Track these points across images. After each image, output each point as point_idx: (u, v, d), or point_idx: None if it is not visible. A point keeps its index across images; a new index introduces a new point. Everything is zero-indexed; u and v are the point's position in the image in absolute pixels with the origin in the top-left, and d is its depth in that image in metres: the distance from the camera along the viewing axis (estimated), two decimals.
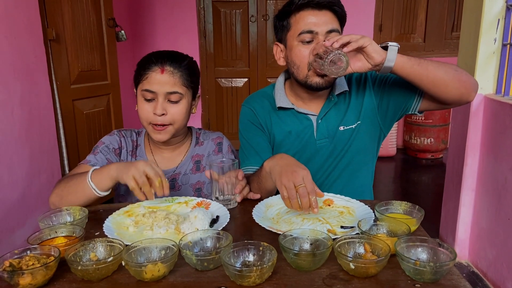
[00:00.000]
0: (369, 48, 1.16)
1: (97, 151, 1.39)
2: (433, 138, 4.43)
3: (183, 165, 1.46)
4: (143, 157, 1.45)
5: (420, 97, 1.33)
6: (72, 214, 1.13)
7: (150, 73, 1.31)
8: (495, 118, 2.19)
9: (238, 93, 4.86)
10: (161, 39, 4.57)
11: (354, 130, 1.42)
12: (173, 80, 1.32)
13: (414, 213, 1.09)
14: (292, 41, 1.34)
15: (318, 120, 1.43)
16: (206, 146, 1.50)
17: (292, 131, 1.44)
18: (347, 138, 1.42)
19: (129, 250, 0.90)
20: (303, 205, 1.08)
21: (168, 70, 1.31)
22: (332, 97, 1.42)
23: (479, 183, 2.36)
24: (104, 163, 1.36)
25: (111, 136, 1.45)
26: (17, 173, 2.24)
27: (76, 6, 2.83)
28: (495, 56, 2.23)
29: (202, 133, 1.53)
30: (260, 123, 1.47)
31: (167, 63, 1.32)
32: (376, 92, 1.42)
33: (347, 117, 1.42)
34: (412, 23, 4.70)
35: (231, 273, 0.84)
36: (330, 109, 1.42)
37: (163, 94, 1.31)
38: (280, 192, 1.12)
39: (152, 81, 1.31)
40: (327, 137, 1.43)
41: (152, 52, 1.37)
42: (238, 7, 4.64)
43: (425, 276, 0.84)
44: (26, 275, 0.83)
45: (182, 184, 1.45)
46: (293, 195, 1.08)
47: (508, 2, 2.15)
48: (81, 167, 1.36)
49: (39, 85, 2.45)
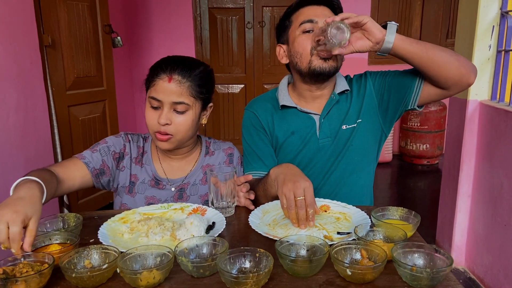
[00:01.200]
0: (369, 24, 1.18)
1: (96, 149, 1.36)
2: (429, 144, 4.45)
3: (192, 174, 1.43)
4: (150, 165, 1.41)
5: (419, 86, 1.32)
6: (66, 220, 1.12)
7: (158, 80, 1.27)
8: (490, 124, 2.20)
9: (234, 99, 4.86)
10: (158, 46, 4.57)
11: (355, 128, 1.43)
12: (180, 90, 1.27)
13: (410, 218, 1.09)
14: (294, 34, 1.39)
15: (321, 119, 1.43)
16: (217, 156, 1.47)
17: (294, 131, 1.46)
18: (348, 136, 1.43)
19: (124, 257, 0.89)
20: (300, 216, 1.11)
21: (175, 79, 1.26)
22: (334, 96, 1.44)
23: (475, 189, 2.36)
24: (99, 164, 1.33)
25: (117, 138, 1.41)
26: (12, 179, 2.22)
27: (72, 12, 2.83)
28: (490, 62, 2.25)
29: (212, 143, 1.50)
30: (263, 126, 1.48)
31: (176, 71, 1.27)
32: (377, 90, 1.43)
33: (349, 116, 1.44)
34: (407, 30, 4.73)
35: (227, 280, 0.83)
36: (332, 107, 1.44)
37: (169, 104, 1.27)
38: (280, 201, 1.14)
39: (159, 89, 1.27)
40: (329, 136, 1.44)
41: (165, 57, 1.33)
42: (235, 13, 4.66)
43: (422, 282, 0.84)
44: (20, 282, 0.82)
45: (190, 195, 1.41)
46: (291, 205, 1.10)
47: (503, 9, 2.17)
48: (73, 161, 1.32)
49: (35, 91, 2.44)
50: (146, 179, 1.40)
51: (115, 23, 3.43)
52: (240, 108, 4.83)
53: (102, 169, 1.34)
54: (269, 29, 4.67)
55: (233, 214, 1.26)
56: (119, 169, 1.39)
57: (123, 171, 1.39)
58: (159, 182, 1.40)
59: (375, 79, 1.44)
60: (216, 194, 1.23)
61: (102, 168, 1.34)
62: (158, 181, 1.40)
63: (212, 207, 1.24)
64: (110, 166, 1.36)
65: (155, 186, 1.40)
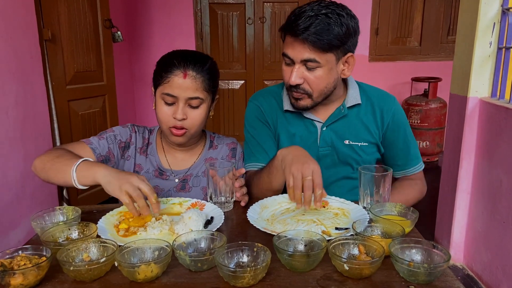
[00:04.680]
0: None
1: (103, 137, 1.37)
2: (429, 141, 4.44)
3: (195, 167, 1.44)
4: (154, 156, 1.42)
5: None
6: (65, 214, 1.12)
7: (173, 77, 1.27)
8: (490, 121, 2.19)
9: (234, 95, 4.86)
10: (158, 41, 4.56)
11: (360, 148, 1.42)
12: (195, 85, 1.28)
13: (408, 214, 1.09)
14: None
15: (323, 127, 1.42)
16: (220, 150, 1.48)
17: (296, 134, 1.44)
18: (351, 153, 1.42)
19: (122, 251, 0.89)
20: (306, 197, 1.11)
21: (190, 74, 1.27)
22: (343, 109, 1.41)
23: (474, 186, 2.36)
24: (105, 151, 1.35)
25: (124, 128, 1.42)
26: (11, 174, 2.23)
27: (72, 7, 2.82)
28: (490, 59, 2.24)
29: (216, 137, 1.52)
30: (267, 121, 1.47)
31: (190, 66, 1.27)
32: (384, 132, 1.44)
33: (355, 133, 1.42)
34: (408, 27, 4.72)
35: (224, 274, 0.84)
36: (338, 120, 1.42)
37: (184, 99, 1.28)
38: (287, 180, 1.14)
39: (174, 85, 1.27)
40: (330, 145, 1.42)
41: (173, 52, 1.33)
42: (235, 9, 4.64)
43: (419, 278, 0.84)
44: (17, 275, 0.82)
45: (192, 186, 1.43)
46: (298, 185, 1.10)
47: (504, 6, 2.16)
48: (81, 145, 1.33)
49: (35, 86, 2.44)
50: (150, 169, 1.42)
51: (115, 18, 3.42)
52: (240, 104, 4.83)
53: (107, 156, 1.36)
54: (269, 25, 4.66)
55: (232, 209, 1.26)
56: (124, 158, 1.41)
57: (128, 160, 1.41)
58: (162, 173, 1.42)
59: (391, 125, 1.44)
60: (215, 189, 1.23)
61: (108, 156, 1.36)
62: (162, 172, 1.42)
63: (211, 202, 1.24)
64: (115, 155, 1.38)
65: (159, 176, 1.41)
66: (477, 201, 2.33)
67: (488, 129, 2.22)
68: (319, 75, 1.29)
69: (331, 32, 1.23)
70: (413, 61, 4.75)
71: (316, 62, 1.26)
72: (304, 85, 1.31)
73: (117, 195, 1.09)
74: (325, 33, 1.22)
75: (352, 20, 1.27)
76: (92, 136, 1.37)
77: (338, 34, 1.23)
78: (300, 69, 1.29)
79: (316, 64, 1.27)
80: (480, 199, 2.30)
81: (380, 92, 1.48)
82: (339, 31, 1.23)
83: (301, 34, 1.23)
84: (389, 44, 4.73)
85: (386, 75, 4.72)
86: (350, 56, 1.32)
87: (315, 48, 1.24)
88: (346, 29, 1.25)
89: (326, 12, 1.23)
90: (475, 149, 2.33)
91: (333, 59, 1.28)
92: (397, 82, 4.78)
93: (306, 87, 1.31)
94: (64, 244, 0.94)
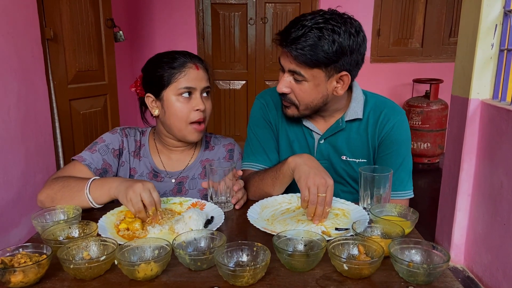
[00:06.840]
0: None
1: (95, 149, 1.35)
2: (430, 143, 4.44)
3: (191, 168, 1.43)
4: (148, 157, 1.41)
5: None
6: (66, 212, 1.12)
7: (187, 70, 1.30)
8: (491, 123, 2.19)
9: (236, 96, 4.86)
10: (160, 40, 4.57)
11: (357, 165, 1.36)
12: (206, 76, 1.35)
13: (408, 215, 1.09)
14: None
15: (321, 140, 1.38)
16: (216, 151, 1.47)
17: (295, 141, 1.42)
18: (348, 169, 1.39)
19: (122, 249, 0.89)
20: (317, 212, 1.12)
21: (200, 66, 1.33)
22: (341, 123, 1.36)
23: (475, 188, 2.36)
24: (100, 164, 1.33)
25: (113, 134, 1.40)
26: (12, 172, 2.23)
27: (75, 6, 2.82)
28: (492, 61, 2.24)
29: (212, 138, 1.51)
30: (270, 120, 1.44)
31: (195, 59, 1.34)
32: (377, 149, 1.38)
33: (353, 148, 1.37)
34: (410, 28, 4.72)
35: (224, 273, 0.84)
36: (336, 133, 1.37)
37: (200, 90, 1.32)
38: (302, 193, 1.13)
39: (191, 77, 1.30)
40: (327, 159, 1.39)
41: (166, 53, 1.35)
42: (237, 9, 4.65)
43: (418, 278, 0.84)
44: (18, 272, 0.82)
45: (189, 189, 1.42)
46: (314, 201, 1.11)
47: (506, 8, 2.16)
48: (76, 165, 1.32)
49: (36, 85, 2.44)
50: (144, 172, 1.41)
51: (117, 17, 3.42)
52: (241, 104, 4.83)
53: (104, 168, 1.35)
54: (271, 26, 4.66)
55: (232, 209, 1.26)
56: (120, 164, 1.39)
57: (123, 166, 1.40)
58: (157, 175, 1.41)
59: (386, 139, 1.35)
60: (215, 189, 1.24)
61: (104, 167, 1.35)
62: (156, 174, 1.41)
63: (211, 201, 1.25)
64: (112, 164, 1.37)
65: (153, 178, 1.40)
66: (477, 203, 2.33)
67: (489, 131, 2.21)
68: (304, 89, 1.25)
69: (319, 48, 1.16)
70: (415, 62, 4.75)
71: (302, 76, 1.22)
72: (291, 95, 1.28)
73: (125, 204, 1.12)
74: (312, 49, 1.16)
75: (350, 38, 1.18)
76: (84, 151, 1.35)
77: (327, 51, 1.17)
78: (288, 79, 1.26)
79: (301, 77, 1.23)
80: (481, 201, 2.29)
81: (389, 104, 1.39)
82: (328, 48, 1.16)
83: (287, 46, 1.19)
84: (390, 45, 4.73)
85: (387, 76, 4.73)
86: (345, 75, 1.24)
87: (299, 63, 1.20)
88: (338, 47, 1.17)
89: (321, 27, 1.16)
90: (476, 151, 2.33)
91: (321, 75, 1.22)
92: (398, 84, 4.78)
93: (293, 98, 1.28)
94: (64, 242, 0.95)
